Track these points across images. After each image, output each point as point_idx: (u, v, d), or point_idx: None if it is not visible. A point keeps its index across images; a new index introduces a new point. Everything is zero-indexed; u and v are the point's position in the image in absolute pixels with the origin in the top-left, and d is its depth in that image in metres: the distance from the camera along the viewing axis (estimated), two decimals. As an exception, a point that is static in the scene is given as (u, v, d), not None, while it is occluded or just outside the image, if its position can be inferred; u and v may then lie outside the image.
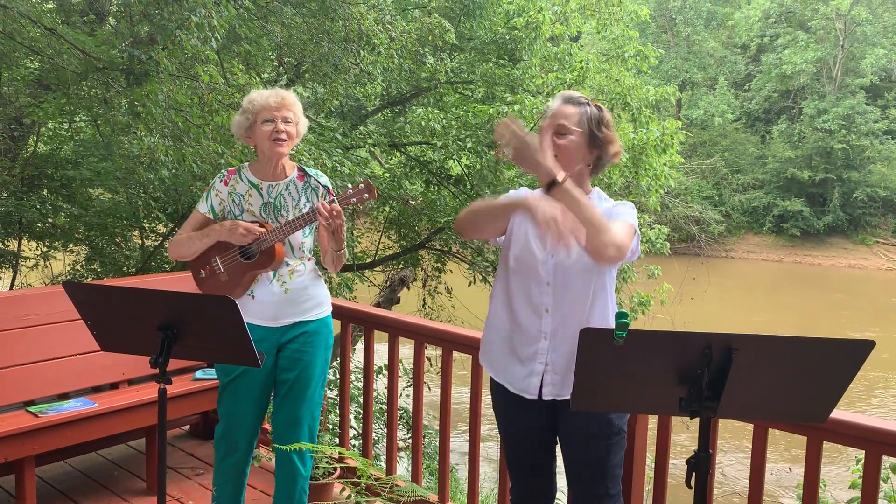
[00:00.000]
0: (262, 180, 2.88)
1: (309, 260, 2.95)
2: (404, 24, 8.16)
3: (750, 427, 2.51)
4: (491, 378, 2.51)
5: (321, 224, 2.75)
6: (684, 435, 8.75)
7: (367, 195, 2.74)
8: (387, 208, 9.69)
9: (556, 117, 2.32)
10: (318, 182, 2.92)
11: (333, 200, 2.71)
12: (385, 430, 3.92)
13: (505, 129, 2.12)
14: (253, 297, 2.84)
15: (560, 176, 2.10)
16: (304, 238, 2.89)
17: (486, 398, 3.60)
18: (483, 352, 2.53)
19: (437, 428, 3.44)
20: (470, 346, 3.18)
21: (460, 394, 4.85)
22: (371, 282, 10.63)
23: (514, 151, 2.13)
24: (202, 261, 2.89)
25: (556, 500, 2.59)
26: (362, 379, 3.77)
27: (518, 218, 2.39)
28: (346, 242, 2.85)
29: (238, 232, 2.76)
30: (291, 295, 2.85)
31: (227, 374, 2.88)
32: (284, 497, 2.98)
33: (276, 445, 2.93)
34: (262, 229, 2.79)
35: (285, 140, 2.80)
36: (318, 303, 2.94)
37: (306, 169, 2.95)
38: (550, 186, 2.10)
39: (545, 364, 2.33)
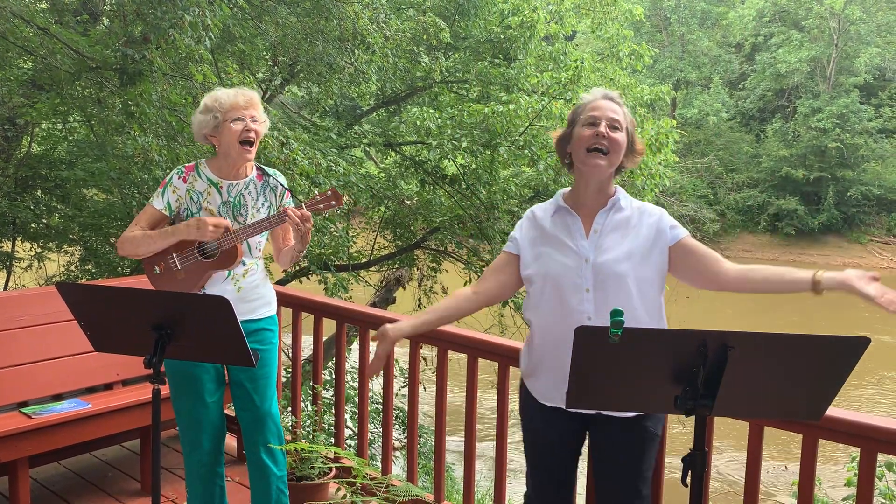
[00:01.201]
0: (222, 179, 2.84)
1: (260, 260, 2.95)
2: (399, 23, 8.15)
3: (745, 424, 2.51)
4: (525, 388, 2.44)
5: (292, 228, 2.76)
6: (679, 431, 8.76)
7: (334, 202, 2.73)
8: (382, 208, 9.68)
9: (606, 110, 2.27)
10: (277, 181, 2.91)
11: (301, 205, 2.71)
12: (381, 430, 3.91)
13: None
14: (203, 293, 2.82)
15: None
16: (261, 238, 2.89)
17: (482, 397, 3.60)
18: (530, 383, 2.41)
19: (433, 428, 3.43)
20: (465, 345, 3.18)
21: (456, 394, 4.85)
22: (366, 282, 10.62)
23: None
24: (157, 257, 2.83)
25: None
26: (357, 379, 3.76)
27: (527, 240, 2.37)
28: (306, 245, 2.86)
29: (208, 229, 2.71)
30: (242, 294, 2.83)
31: (177, 371, 2.83)
32: (261, 498, 2.97)
33: (263, 447, 2.92)
34: (229, 223, 2.77)
35: (254, 140, 2.78)
36: (267, 302, 2.95)
37: (265, 168, 2.94)
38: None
39: None
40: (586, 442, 2.46)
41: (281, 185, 2.92)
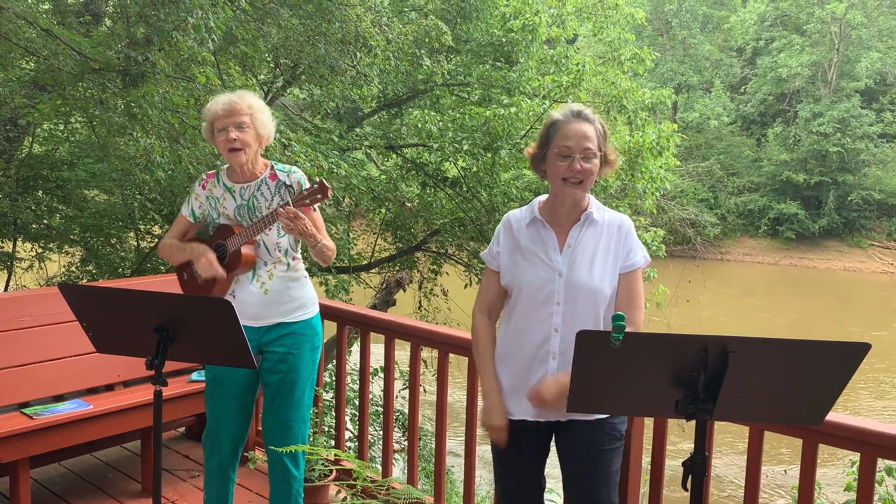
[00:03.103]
0: (234, 183, 2.90)
1: (295, 259, 2.93)
2: (401, 25, 8.17)
3: (745, 429, 2.51)
4: None
5: (283, 228, 2.73)
6: (680, 436, 8.76)
7: (319, 195, 2.70)
8: (383, 210, 9.68)
9: (580, 139, 2.29)
10: (291, 179, 2.89)
11: (288, 203, 2.70)
12: (381, 432, 3.91)
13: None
14: (234, 296, 2.86)
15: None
16: (279, 238, 2.88)
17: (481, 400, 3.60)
18: None
19: (433, 430, 3.44)
20: (466, 347, 3.18)
21: (456, 396, 4.86)
22: (367, 284, 10.62)
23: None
24: (185, 263, 2.96)
25: None
26: (358, 381, 3.76)
27: (505, 249, 2.41)
28: (317, 238, 2.78)
29: (201, 262, 2.81)
30: (272, 296, 2.85)
31: (212, 373, 2.90)
32: (280, 499, 2.98)
33: (271, 448, 2.93)
34: (222, 273, 2.81)
35: (240, 148, 2.78)
36: (302, 304, 2.93)
37: (277, 167, 2.93)
38: None
39: None
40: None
41: (296, 181, 2.87)
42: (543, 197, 2.45)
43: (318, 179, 2.74)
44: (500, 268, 2.44)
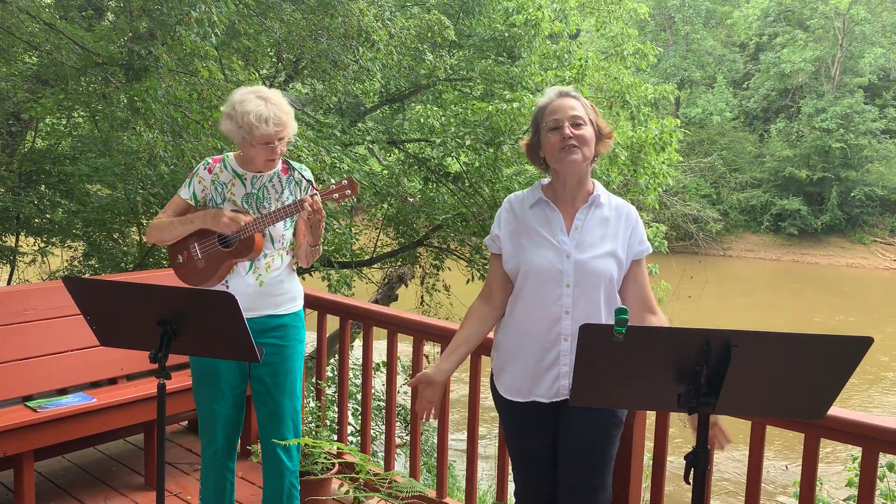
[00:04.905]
0: (246, 171, 2.88)
1: (287, 254, 2.95)
2: (404, 20, 8.17)
3: (747, 423, 2.51)
4: (496, 389, 2.47)
5: (302, 217, 2.76)
6: (680, 429, 8.77)
7: (349, 191, 2.75)
8: (385, 205, 9.69)
9: (565, 110, 2.32)
10: (303, 175, 2.92)
11: (316, 194, 2.72)
12: (383, 426, 3.92)
13: None
14: (227, 286, 2.83)
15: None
16: (284, 230, 2.88)
17: (484, 396, 3.61)
18: (500, 379, 2.44)
19: (435, 425, 3.44)
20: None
21: (458, 390, 4.87)
22: (369, 279, 10.64)
23: None
24: (180, 246, 2.87)
25: None
26: (361, 375, 3.77)
27: (506, 232, 2.39)
28: (322, 239, 2.85)
29: (222, 220, 2.74)
30: (265, 287, 2.84)
31: (202, 365, 2.85)
32: (273, 492, 2.99)
33: (271, 441, 2.93)
34: (248, 217, 2.78)
35: (278, 157, 2.82)
36: (292, 297, 2.95)
37: (291, 162, 2.94)
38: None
39: (569, 365, 2.30)
40: None
41: (306, 179, 2.91)
42: (546, 180, 2.44)
43: (347, 177, 2.77)
44: (501, 250, 2.42)
